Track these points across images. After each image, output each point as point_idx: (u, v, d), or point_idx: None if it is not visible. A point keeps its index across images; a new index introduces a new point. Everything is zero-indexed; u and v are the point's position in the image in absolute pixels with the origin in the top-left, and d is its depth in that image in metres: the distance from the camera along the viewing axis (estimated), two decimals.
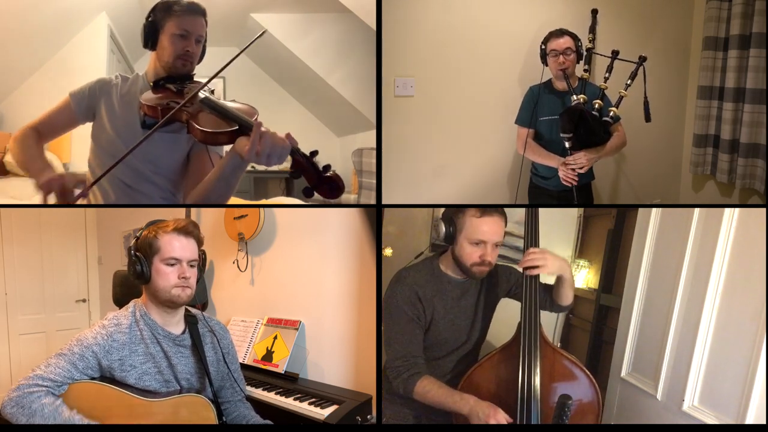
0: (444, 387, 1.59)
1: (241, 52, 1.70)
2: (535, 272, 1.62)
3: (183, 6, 1.69)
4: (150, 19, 1.71)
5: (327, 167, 1.43)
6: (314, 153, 1.44)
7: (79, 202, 1.56)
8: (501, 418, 1.47)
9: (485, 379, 1.63)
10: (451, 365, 1.79)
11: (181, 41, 1.68)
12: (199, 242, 1.57)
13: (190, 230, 1.54)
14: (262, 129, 1.39)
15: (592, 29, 2.72)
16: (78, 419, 1.36)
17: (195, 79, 1.74)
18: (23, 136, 1.73)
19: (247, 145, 1.39)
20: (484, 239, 1.67)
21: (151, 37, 1.71)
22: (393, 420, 1.79)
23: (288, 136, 1.42)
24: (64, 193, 1.54)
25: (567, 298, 1.79)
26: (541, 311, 1.65)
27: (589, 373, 1.59)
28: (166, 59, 1.70)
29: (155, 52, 1.73)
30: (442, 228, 1.73)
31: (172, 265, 1.50)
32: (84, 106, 1.74)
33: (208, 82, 1.63)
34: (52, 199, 1.53)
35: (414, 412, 1.77)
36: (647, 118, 2.40)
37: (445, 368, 1.78)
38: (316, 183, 1.42)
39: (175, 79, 1.70)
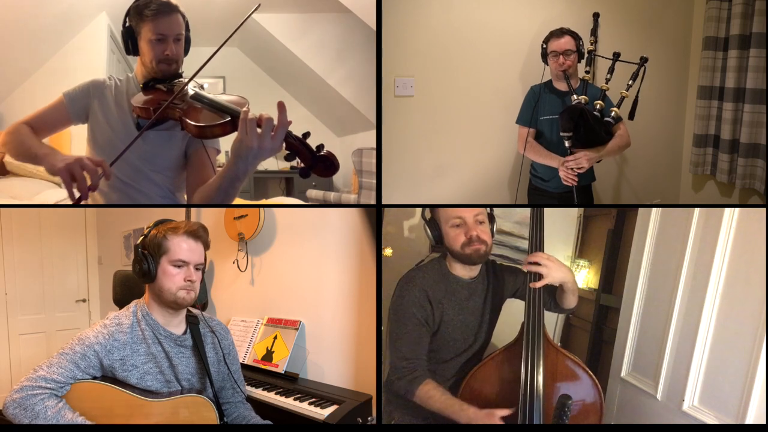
0: (446, 394, 1.59)
1: (229, 37, 1.69)
2: (538, 284, 1.61)
3: (154, 8, 1.64)
4: (126, 25, 1.69)
5: (320, 147, 1.44)
6: (306, 134, 1.45)
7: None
8: (498, 420, 1.48)
9: (488, 379, 1.63)
10: (456, 368, 1.78)
11: (159, 45, 1.65)
12: (207, 246, 1.57)
13: (200, 234, 1.55)
14: (249, 115, 1.38)
15: (594, 32, 2.73)
16: (81, 421, 1.36)
17: (184, 75, 1.73)
18: (16, 128, 1.66)
19: (240, 138, 1.38)
20: (461, 216, 1.68)
21: (130, 43, 1.69)
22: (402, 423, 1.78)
23: (280, 106, 1.35)
24: (88, 175, 1.37)
25: (570, 303, 1.78)
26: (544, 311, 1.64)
27: (592, 373, 1.59)
28: (149, 64, 1.68)
29: (139, 57, 1.72)
30: (428, 231, 1.75)
31: (179, 267, 1.50)
32: (77, 106, 1.71)
33: (192, 77, 1.63)
34: (75, 187, 1.37)
35: (423, 417, 1.75)
36: (631, 116, 2.43)
37: (451, 371, 1.77)
38: (311, 163, 1.44)
39: (164, 79, 1.69)
